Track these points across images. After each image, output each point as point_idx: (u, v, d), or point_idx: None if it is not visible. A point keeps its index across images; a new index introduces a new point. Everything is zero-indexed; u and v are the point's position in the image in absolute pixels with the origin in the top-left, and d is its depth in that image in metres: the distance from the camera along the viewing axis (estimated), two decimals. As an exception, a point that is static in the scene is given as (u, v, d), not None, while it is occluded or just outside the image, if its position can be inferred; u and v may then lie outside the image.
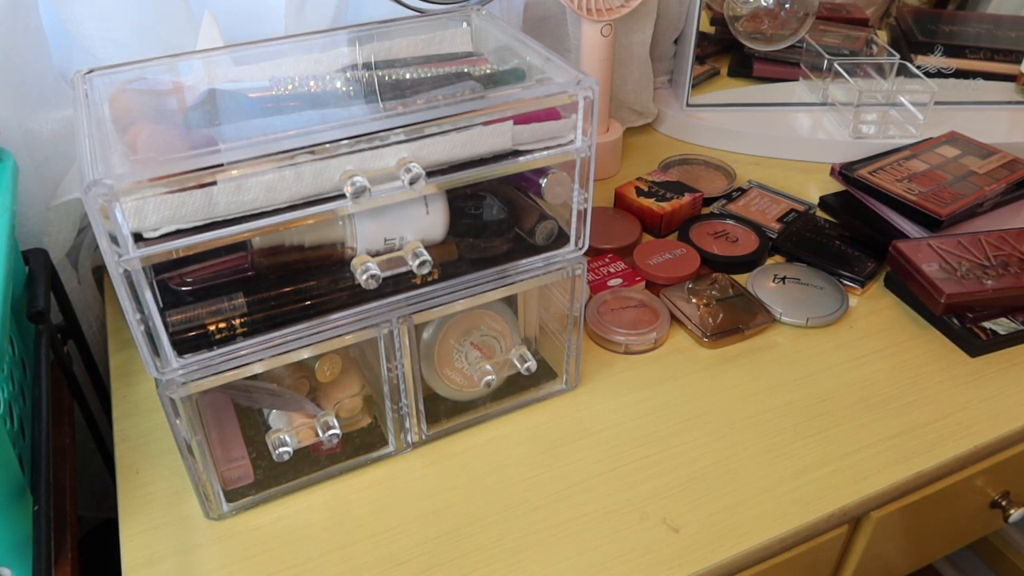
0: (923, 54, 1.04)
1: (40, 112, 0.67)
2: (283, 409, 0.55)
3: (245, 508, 0.54)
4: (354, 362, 0.58)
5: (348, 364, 0.57)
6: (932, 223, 0.75)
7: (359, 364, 0.58)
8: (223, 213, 0.43)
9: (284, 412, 0.55)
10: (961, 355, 0.67)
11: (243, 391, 0.52)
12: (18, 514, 0.50)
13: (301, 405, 0.52)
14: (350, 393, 0.57)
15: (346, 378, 0.57)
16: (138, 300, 0.43)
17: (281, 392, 0.53)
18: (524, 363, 0.59)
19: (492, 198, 0.55)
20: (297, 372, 0.55)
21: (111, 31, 0.67)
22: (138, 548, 0.52)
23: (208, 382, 0.47)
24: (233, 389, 0.51)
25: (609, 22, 0.82)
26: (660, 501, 0.55)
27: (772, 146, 0.96)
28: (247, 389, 0.51)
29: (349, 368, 0.57)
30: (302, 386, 0.55)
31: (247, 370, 0.48)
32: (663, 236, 0.81)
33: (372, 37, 0.60)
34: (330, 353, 0.54)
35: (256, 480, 0.55)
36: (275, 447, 0.52)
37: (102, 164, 0.41)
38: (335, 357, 0.55)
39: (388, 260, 0.49)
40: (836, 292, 0.72)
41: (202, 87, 0.54)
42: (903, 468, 0.57)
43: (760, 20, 1.00)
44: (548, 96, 0.49)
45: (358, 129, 0.44)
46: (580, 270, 0.57)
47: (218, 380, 0.48)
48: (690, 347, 0.68)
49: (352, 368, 0.58)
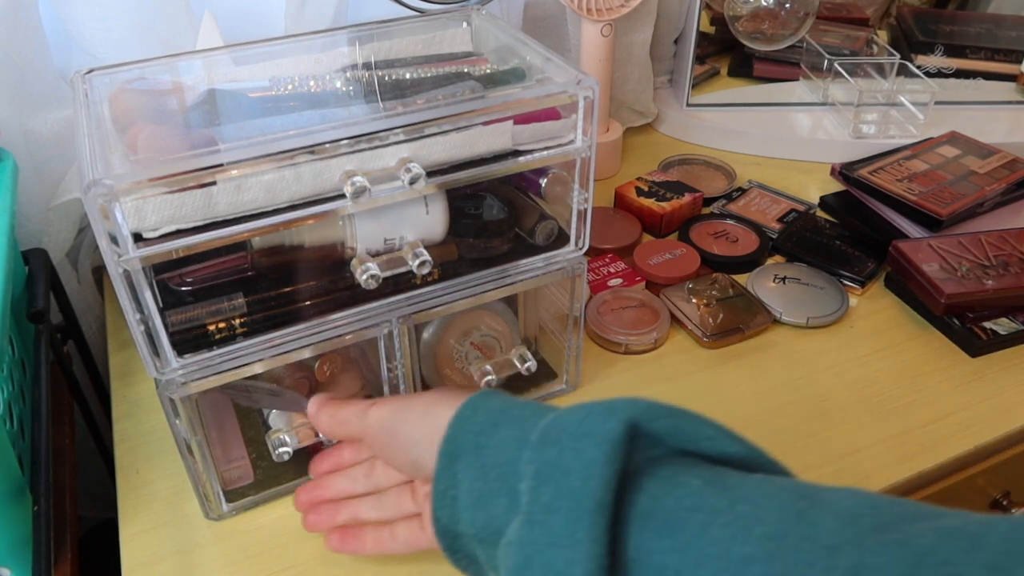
0: (923, 54, 1.04)
1: (40, 112, 0.67)
2: (283, 409, 0.55)
3: (245, 508, 0.54)
4: (354, 362, 0.58)
5: (348, 364, 0.57)
6: (932, 223, 0.75)
7: (359, 364, 0.58)
8: (223, 213, 0.43)
9: (284, 412, 0.55)
10: (961, 355, 0.67)
11: (243, 391, 0.52)
12: (18, 514, 0.50)
13: (301, 405, 0.52)
14: (350, 392, 0.57)
15: (346, 378, 0.57)
16: (138, 300, 0.43)
17: (281, 392, 0.53)
18: (524, 363, 0.59)
19: (492, 198, 0.55)
20: (297, 372, 0.55)
21: (111, 31, 0.67)
22: (138, 548, 0.52)
23: (208, 382, 0.47)
24: (233, 389, 0.51)
25: (609, 22, 0.82)
26: (660, 501, 0.55)
27: (772, 146, 0.96)
28: (247, 389, 0.51)
29: (349, 368, 0.57)
30: (302, 386, 0.55)
31: (247, 370, 0.48)
32: (663, 236, 0.81)
33: (372, 37, 0.60)
34: (330, 353, 0.54)
35: (256, 480, 0.55)
36: (275, 447, 0.52)
37: (102, 164, 0.41)
38: (335, 357, 0.55)
39: (388, 260, 0.49)
40: (836, 292, 0.72)
41: (202, 87, 0.54)
42: (903, 468, 0.57)
43: (760, 20, 1.00)
44: (548, 96, 0.49)
45: (358, 129, 0.44)
46: (580, 270, 0.57)
47: (218, 380, 0.48)
48: (690, 347, 0.68)
49: (352, 368, 0.58)
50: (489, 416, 0.41)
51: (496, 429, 0.40)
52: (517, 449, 0.38)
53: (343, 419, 0.48)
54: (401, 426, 0.45)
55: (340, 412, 0.48)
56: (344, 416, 0.48)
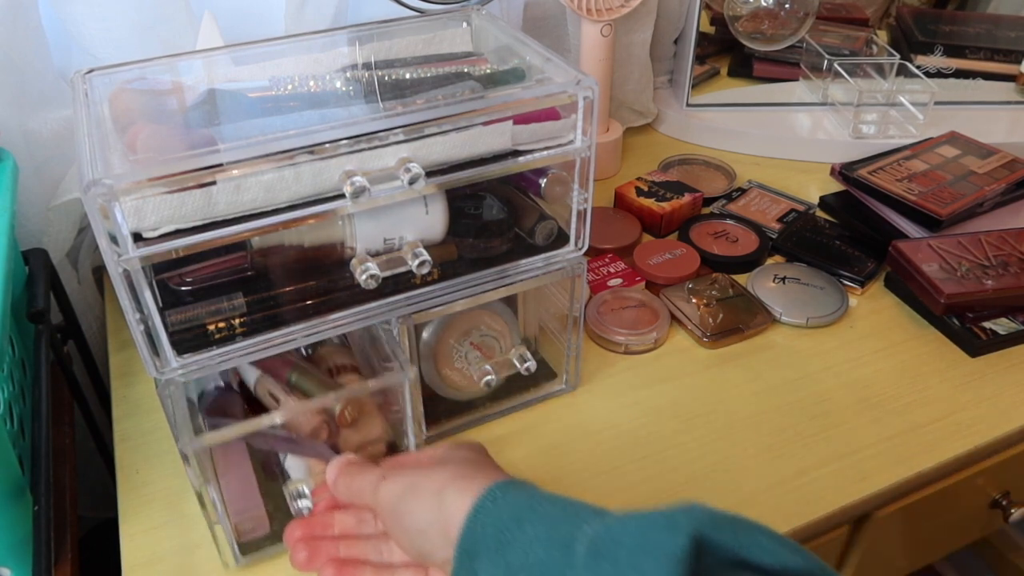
0: (923, 54, 1.04)
1: (40, 112, 0.67)
2: (302, 455, 0.52)
3: (260, 560, 0.52)
4: (376, 407, 0.55)
5: (370, 408, 0.54)
6: (932, 223, 0.75)
7: (380, 408, 0.55)
8: (223, 213, 0.43)
9: (302, 458, 0.52)
10: (961, 355, 0.67)
11: (261, 438, 0.49)
12: (18, 514, 0.50)
13: (320, 452, 0.50)
14: (372, 436, 0.54)
15: (367, 422, 0.54)
16: (138, 300, 0.43)
17: (300, 440, 0.50)
18: (524, 363, 0.59)
19: (492, 198, 0.55)
20: (318, 416, 0.52)
21: (111, 31, 0.67)
22: (138, 548, 0.52)
23: (226, 434, 0.45)
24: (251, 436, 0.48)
25: (609, 22, 0.82)
26: (660, 501, 0.55)
27: (772, 146, 0.96)
28: (265, 436, 0.49)
29: (371, 411, 0.55)
30: (323, 430, 0.52)
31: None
32: (663, 236, 0.81)
33: (372, 37, 0.60)
34: (352, 398, 0.52)
35: (272, 532, 0.52)
36: (293, 498, 0.49)
37: (102, 164, 0.41)
38: (357, 401, 0.53)
39: (388, 260, 0.49)
40: (836, 292, 0.72)
41: (202, 87, 0.54)
42: (903, 468, 0.57)
43: (760, 20, 1.00)
44: (548, 96, 0.49)
45: (358, 129, 0.44)
46: (580, 270, 0.57)
47: (237, 431, 0.45)
48: (690, 347, 0.68)
49: (373, 412, 0.55)
50: (512, 511, 0.37)
51: (522, 526, 0.36)
52: (550, 551, 0.35)
53: (357, 489, 0.45)
54: (409, 510, 0.41)
55: (355, 482, 0.45)
56: (358, 487, 0.45)
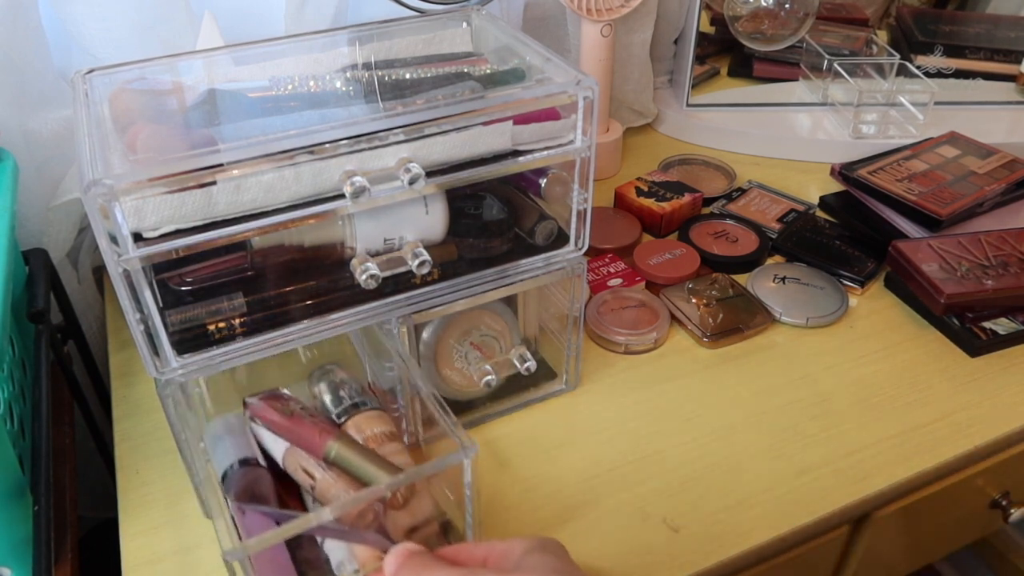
0: (923, 54, 1.04)
1: (40, 112, 0.67)
2: (344, 540, 0.47)
3: None
4: (426, 487, 0.51)
5: (421, 485, 0.50)
6: (932, 223, 0.75)
7: (429, 489, 0.51)
8: (223, 213, 0.43)
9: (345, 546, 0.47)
10: (961, 355, 0.67)
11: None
12: (18, 514, 0.50)
13: (365, 538, 0.46)
14: (424, 516, 0.49)
15: (418, 503, 0.49)
16: (138, 300, 0.43)
17: (343, 525, 0.46)
18: (524, 363, 0.59)
19: (492, 198, 0.55)
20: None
21: (111, 31, 0.67)
22: (138, 548, 0.52)
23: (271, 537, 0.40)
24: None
25: (609, 22, 0.82)
26: (660, 501, 0.55)
27: (772, 146, 0.96)
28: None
29: (421, 492, 0.50)
30: (368, 513, 0.47)
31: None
32: (663, 236, 0.81)
33: (372, 37, 0.60)
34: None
35: None
36: None
37: (102, 164, 0.41)
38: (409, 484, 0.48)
39: (388, 260, 0.49)
40: (836, 292, 0.72)
41: (202, 87, 0.54)
42: (903, 468, 0.57)
43: (760, 20, 1.00)
44: (548, 96, 0.49)
45: (358, 129, 0.44)
46: (580, 270, 0.57)
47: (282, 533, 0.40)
48: (690, 347, 0.68)
49: (424, 492, 0.51)
50: None
51: None
52: None
53: None
54: None
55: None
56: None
